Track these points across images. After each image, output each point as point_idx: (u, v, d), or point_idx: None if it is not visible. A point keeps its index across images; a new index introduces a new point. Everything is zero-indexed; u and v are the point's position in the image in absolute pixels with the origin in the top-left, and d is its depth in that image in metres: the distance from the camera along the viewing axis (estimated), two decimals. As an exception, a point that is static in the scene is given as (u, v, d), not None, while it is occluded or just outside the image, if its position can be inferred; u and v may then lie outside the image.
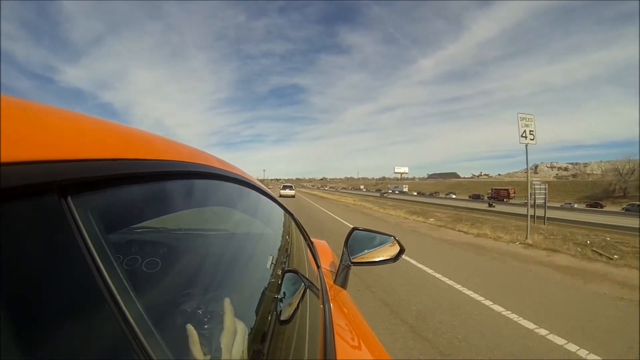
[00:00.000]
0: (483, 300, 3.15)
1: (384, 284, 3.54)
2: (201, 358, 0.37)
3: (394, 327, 2.51)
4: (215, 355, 0.40)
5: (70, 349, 0.20)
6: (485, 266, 4.68)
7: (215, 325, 0.41)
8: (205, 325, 0.40)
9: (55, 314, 0.20)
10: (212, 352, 0.39)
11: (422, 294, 3.31)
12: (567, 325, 2.58)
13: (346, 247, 1.25)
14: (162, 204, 0.41)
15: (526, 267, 4.65)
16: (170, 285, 0.47)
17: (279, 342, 0.56)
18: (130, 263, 0.59)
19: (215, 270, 0.58)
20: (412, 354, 2.11)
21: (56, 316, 0.20)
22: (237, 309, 0.55)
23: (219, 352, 0.41)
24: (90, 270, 0.23)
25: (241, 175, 0.69)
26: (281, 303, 0.60)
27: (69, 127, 0.27)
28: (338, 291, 1.19)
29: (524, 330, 2.52)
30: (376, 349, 0.87)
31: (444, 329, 2.50)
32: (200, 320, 0.40)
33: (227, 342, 0.44)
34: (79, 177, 0.24)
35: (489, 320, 2.70)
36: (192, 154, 0.49)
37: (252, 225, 0.85)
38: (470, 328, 2.52)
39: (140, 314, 0.26)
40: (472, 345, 2.23)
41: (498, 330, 2.50)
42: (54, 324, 0.20)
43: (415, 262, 4.57)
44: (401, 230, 8.29)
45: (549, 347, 2.26)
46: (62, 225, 0.22)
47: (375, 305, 2.94)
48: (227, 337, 0.44)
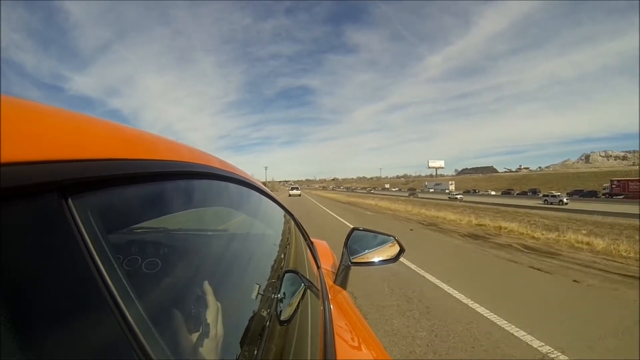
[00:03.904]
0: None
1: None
2: (201, 358, 0.37)
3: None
4: (215, 355, 0.40)
5: (70, 349, 0.20)
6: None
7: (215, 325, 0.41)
8: (205, 325, 0.40)
9: (56, 314, 0.20)
10: (212, 352, 0.39)
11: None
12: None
13: (346, 248, 1.24)
14: (163, 204, 0.41)
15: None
16: (171, 286, 0.47)
17: (279, 342, 0.56)
18: (130, 263, 0.59)
19: (215, 271, 0.58)
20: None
21: (56, 316, 0.20)
22: (237, 309, 0.55)
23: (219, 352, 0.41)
24: (90, 271, 0.23)
25: (242, 175, 0.69)
26: (281, 303, 0.60)
27: (69, 127, 0.27)
28: (338, 291, 1.19)
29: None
30: (376, 349, 0.87)
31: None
32: (200, 321, 0.40)
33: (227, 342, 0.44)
34: (79, 177, 0.24)
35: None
36: (193, 154, 0.49)
37: (252, 225, 0.85)
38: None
39: (140, 314, 0.26)
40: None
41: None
42: (54, 324, 0.20)
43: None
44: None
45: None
46: (62, 225, 0.22)
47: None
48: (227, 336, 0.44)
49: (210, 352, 0.39)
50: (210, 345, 0.39)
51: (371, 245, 1.27)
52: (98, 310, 0.23)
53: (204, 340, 0.38)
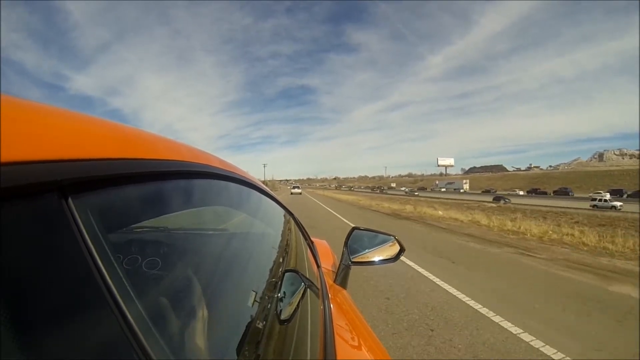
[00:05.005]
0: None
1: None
2: (201, 357, 0.37)
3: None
4: (215, 354, 0.40)
5: (70, 348, 0.20)
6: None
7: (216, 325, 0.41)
8: (205, 325, 0.40)
9: (56, 313, 0.20)
10: (212, 351, 0.39)
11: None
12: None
13: (346, 247, 1.25)
14: (162, 203, 0.41)
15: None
16: (171, 285, 0.47)
17: (279, 342, 0.56)
18: (130, 263, 0.59)
19: (215, 270, 0.58)
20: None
21: (56, 316, 0.20)
22: (237, 308, 0.55)
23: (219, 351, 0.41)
24: (90, 270, 0.23)
25: (242, 175, 0.69)
26: (281, 302, 0.60)
27: (69, 127, 0.27)
28: (338, 291, 1.19)
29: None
30: (376, 349, 0.87)
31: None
32: (200, 320, 0.40)
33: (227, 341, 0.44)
34: (79, 177, 0.24)
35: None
36: (193, 153, 0.49)
37: (252, 224, 0.85)
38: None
39: (140, 314, 0.26)
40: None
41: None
42: (54, 323, 0.20)
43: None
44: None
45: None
46: (62, 225, 0.22)
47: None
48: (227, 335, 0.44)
49: (210, 351, 0.39)
50: (210, 344, 0.39)
51: (371, 245, 1.27)
52: (98, 310, 0.23)
53: (204, 340, 0.38)
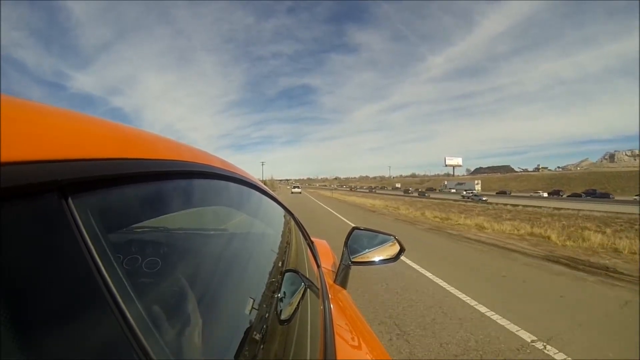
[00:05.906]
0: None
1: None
2: (201, 357, 0.37)
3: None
4: (215, 354, 0.40)
5: (70, 348, 0.20)
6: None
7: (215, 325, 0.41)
8: (205, 324, 0.40)
9: (56, 313, 0.20)
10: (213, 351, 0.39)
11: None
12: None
13: (346, 247, 1.25)
14: (163, 203, 0.41)
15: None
16: (171, 285, 0.47)
17: (279, 342, 0.56)
18: (130, 263, 0.59)
19: (215, 270, 0.58)
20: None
21: (56, 316, 0.20)
22: (237, 308, 0.55)
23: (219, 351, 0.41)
24: (90, 270, 0.23)
25: (242, 175, 0.69)
26: (281, 303, 0.60)
27: (69, 127, 0.27)
28: (338, 291, 1.19)
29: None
30: (376, 349, 0.87)
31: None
32: (200, 320, 0.40)
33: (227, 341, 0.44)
34: (79, 177, 0.24)
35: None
36: (193, 153, 0.49)
37: (252, 224, 0.85)
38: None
39: (140, 314, 0.26)
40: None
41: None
42: (54, 323, 0.20)
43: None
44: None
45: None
46: (62, 225, 0.22)
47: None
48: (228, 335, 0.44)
49: (210, 351, 0.39)
50: (210, 344, 0.39)
51: (371, 245, 1.27)
52: (98, 310, 0.23)
53: (204, 340, 0.38)
